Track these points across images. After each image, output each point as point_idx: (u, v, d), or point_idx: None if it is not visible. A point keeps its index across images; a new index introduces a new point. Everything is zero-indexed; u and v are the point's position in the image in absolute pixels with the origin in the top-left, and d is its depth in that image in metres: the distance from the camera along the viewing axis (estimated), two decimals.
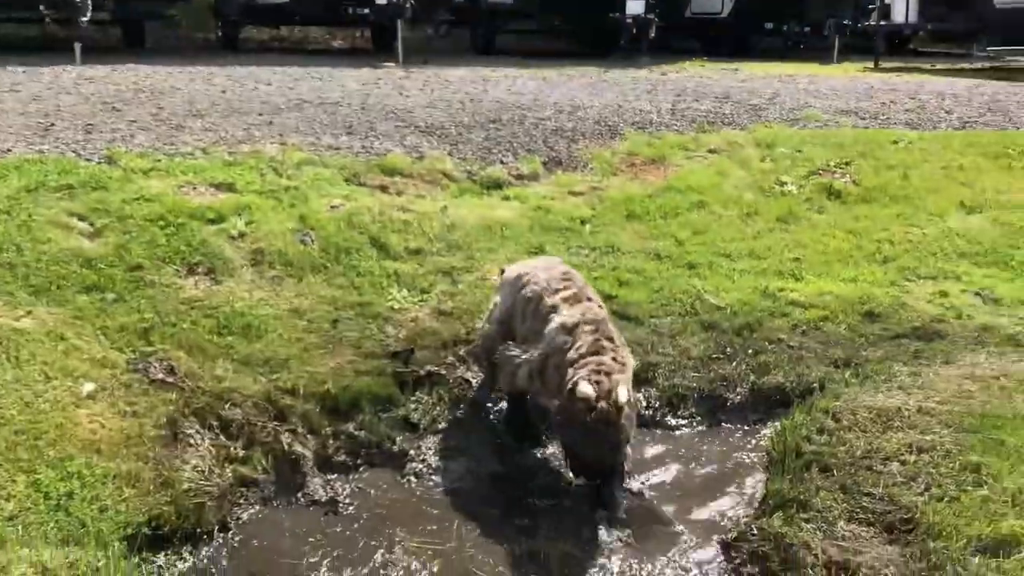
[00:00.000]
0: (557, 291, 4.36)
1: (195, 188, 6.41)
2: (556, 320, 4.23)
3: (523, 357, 4.33)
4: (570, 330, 4.15)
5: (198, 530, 3.79)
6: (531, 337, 4.36)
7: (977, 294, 5.96)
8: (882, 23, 18.10)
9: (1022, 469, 3.73)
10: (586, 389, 3.80)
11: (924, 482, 3.71)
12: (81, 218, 5.70)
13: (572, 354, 4.06)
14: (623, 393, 3.83)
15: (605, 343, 4.09)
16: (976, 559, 3.26)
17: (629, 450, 4.07)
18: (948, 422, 4.16)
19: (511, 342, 4.49)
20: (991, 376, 4.70)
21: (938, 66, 17.01)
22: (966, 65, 17.55)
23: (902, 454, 3.93)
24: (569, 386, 3.90)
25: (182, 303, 5.23)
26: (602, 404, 3.79)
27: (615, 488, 4.11)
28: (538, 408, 4.58)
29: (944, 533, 3.39)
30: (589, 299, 4.37)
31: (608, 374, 3.91)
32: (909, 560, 3.32)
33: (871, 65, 16.28)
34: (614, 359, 4.02)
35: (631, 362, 4.20)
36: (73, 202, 5.81)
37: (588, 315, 4.21)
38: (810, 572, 3.36)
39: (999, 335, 5.30)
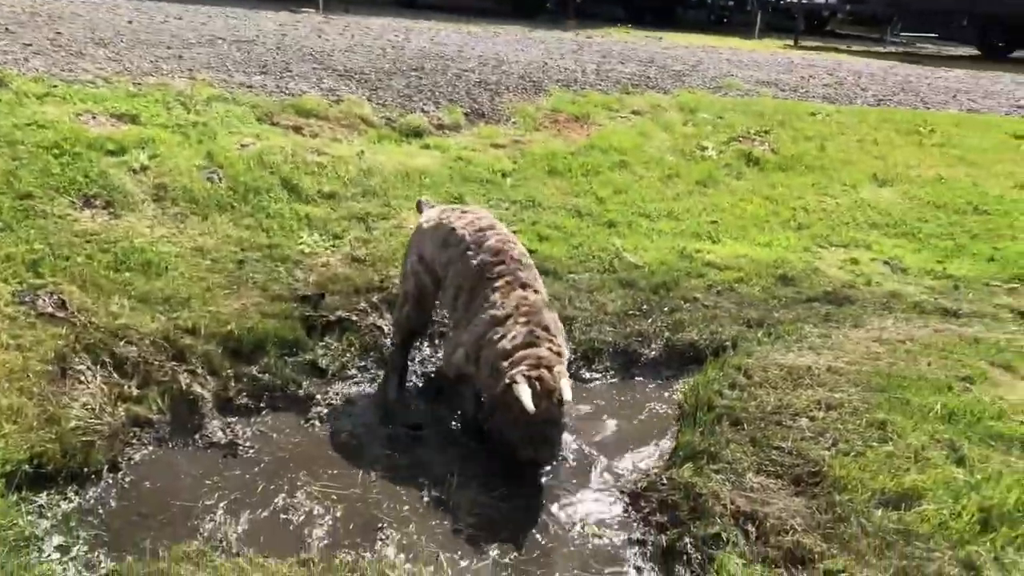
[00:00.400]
0: (491, 280, 4.05)
1: (95, 117, 6.04)
2: (488, 312, 3.96)
3: (461, 339, 4.07)
4: (501, 321, 3.90)
5: (85, 469, 3.56)
6: (463, 320, 4.10)
7: (886, 263, 6.09)
8: (803, 1, 18.40)
9: (925, 427, 3.80)
10: (524, 391, 3.58)
11: (832, 437, 3.74)
12: None
13: (506, 345, 3.82)
14: (568, 390, 3.67)
15: (540, 333, 3.85)
16: (879, 511, 3.29)
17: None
18: (856, 381, 4.21)
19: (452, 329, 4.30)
20: (898, 340, 4.79)
21: (854, 48, 17.40)
22: (880, 48, 17.98)
23: (811, 410, 3.96)
24: (506, 381, 3.68)
25: (76, 236, 4.92)
26: (544, 403, 3.61)
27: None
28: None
29: (849, 486, 3.42)
30: (524, 285, 4.06)
31: (549, 367, 3.70)
32: (815, 511, 3.34)
33: (791, 43, 16.56)
34: (550, 350, 3.81)
35: (567, 352, 4.00)
36: None
37: (522, 306, 3.94)
38: (718, 521, 3.35)
39: (906, 302, 5.42)
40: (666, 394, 4.62)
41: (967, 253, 6.30)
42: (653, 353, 4.87)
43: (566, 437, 4.03)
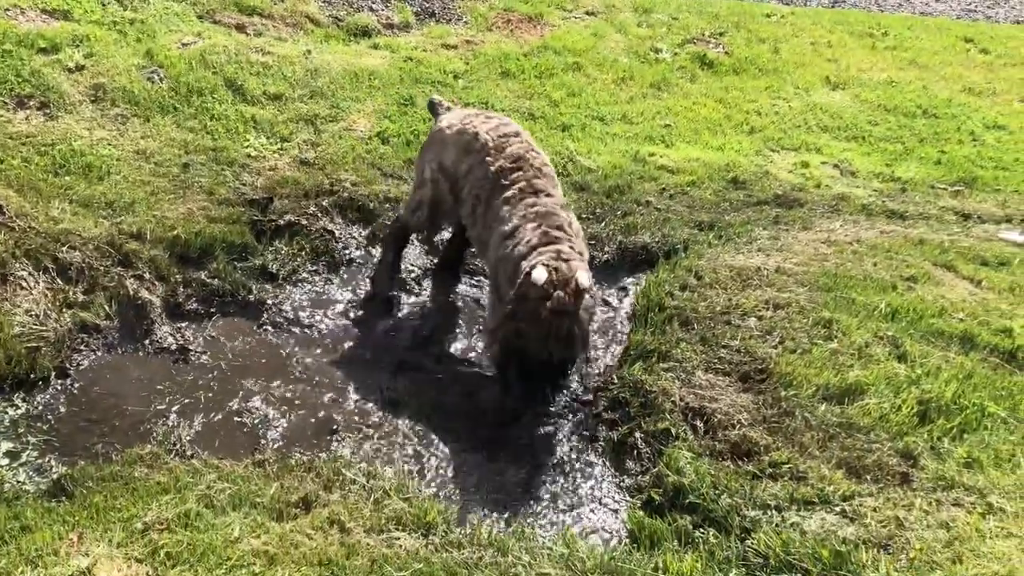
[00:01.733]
0: (505, 187, 3.83)
1: (23, 12, 5.75)
2: (497, 230, 3.78)
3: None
4: (510, 234, 3.72)
5: (32, 376, 3.52)
6: (482, 233, 3.95)
7: (836, 166, 6.13)
8: None
9: (869, 325, 3.90)
10: (540, 274, 3.38)
11: (779, 336, 3.83)
12: None
13: (521, 248, 3.62)
14: (584, 278, 3.45)
15: (555, 233, 3.65)
16: (823, 406, 3.40)
17: (588, 351, 3.80)
18: (804, 281, 4.29)
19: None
20: (845, 241, 4.87)
21: None
22: None
23: (759, 310, 4.03)
24: (524, 271, 3.48)
25: (11, 138, 4.75)
26: (559, 292, 3.40)
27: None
28: None
29: (795, 382, 3.52)
30: (536, 192, 3.82)
31: (567, 260, 3.51)
32: (761, 407, 3.44)
33: None
34: (571, 247, 3.62)
35: (587, 253, 3.82)
36: None
37: (532, 211, 3.73)
38: (667, 417, 3.43)
39: (854, 204, 5.48)
40: (618, 296, 4.66)
41: (915, 156, 6.37)
42: (606, 256, 4.87)
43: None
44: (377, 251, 4.71)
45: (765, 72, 7.59)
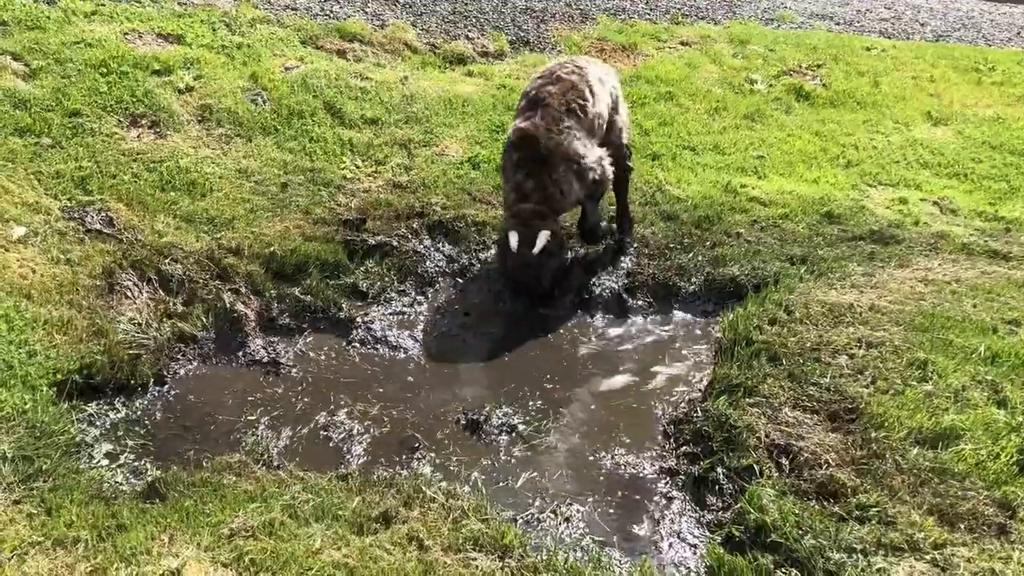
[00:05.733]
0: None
1: (141, 37, 6.05)
2: None
3: None
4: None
5: (132, 382, 3.67)
6: None
7: (935, 203, 5.95)
8: None
9: (967, 368, 3.76)
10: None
11: (871, 375, 3.72)
12: (16, 57, 5.35)
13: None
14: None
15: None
16: (915, 449, 3.29)
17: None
18: (899, 320, 4.16)
19: None
20: (944, 281, 4.71)
21: None
22: None
23: (851, 348, 3.93)
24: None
25: (123, 154, 4.99)
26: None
27: None
28: None
29: (886, 424, 3.41)
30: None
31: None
32: (850, 447, 3.34)
33: None
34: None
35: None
36: (6, 39, 5.45)
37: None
38: (751, 453, 3.37)
39: (954, 243, 5.30)
40: (705, 328, 4.60)
41: (1021, 195, 6.13)
42: (693, 287, 4.83)
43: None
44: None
45: (863, 106, 7.44)
